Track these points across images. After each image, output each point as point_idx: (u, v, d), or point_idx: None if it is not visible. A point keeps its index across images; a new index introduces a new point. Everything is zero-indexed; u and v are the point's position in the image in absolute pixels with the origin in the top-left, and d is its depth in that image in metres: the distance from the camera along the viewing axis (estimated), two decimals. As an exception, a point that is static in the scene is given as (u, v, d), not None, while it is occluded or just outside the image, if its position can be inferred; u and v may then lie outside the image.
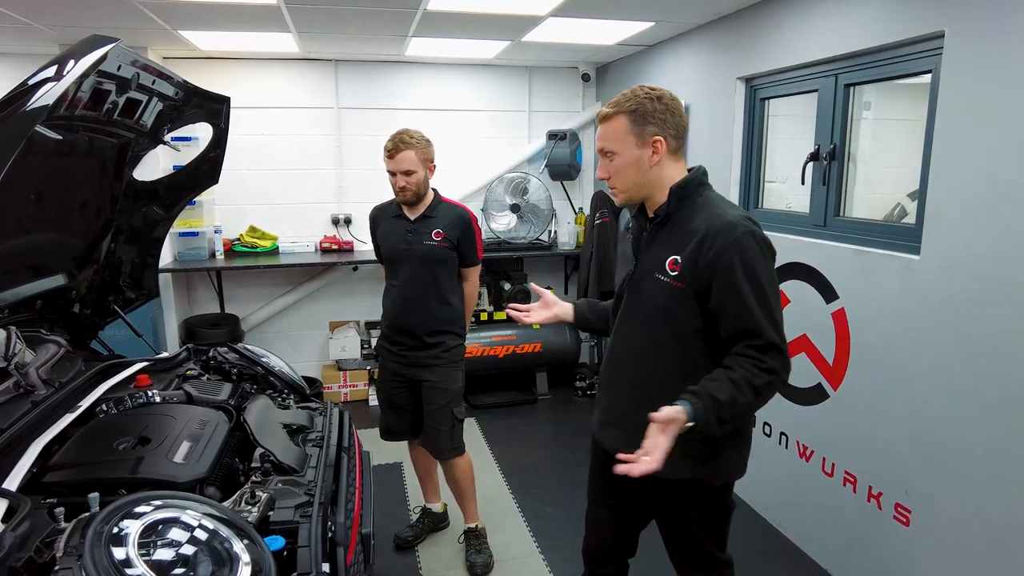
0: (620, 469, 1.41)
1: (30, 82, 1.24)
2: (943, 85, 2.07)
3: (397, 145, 2.44)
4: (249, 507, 1.52)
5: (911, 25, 2.19)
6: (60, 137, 1.54)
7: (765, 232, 1.55)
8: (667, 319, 1.56)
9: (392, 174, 2.49)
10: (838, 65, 2.57)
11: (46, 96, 1.20)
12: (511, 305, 2.00)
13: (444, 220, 2.57)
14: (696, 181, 1.59)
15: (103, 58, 1.35)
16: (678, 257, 1.53)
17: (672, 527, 1.74)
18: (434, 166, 2.56)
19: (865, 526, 2.46)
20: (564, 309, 1.94)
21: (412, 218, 2.57)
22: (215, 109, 2.25)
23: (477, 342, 4.43)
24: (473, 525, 2.78)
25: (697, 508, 1.67)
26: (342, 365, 4.68)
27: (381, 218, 2.68)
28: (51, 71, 1.27)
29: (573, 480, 3.41)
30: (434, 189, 2.62)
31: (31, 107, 1.18)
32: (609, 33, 3.67)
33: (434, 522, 2.97)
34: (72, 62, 1.29)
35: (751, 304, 1.45)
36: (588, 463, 1.91)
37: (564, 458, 3.71)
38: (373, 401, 4.57)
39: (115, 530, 1.21)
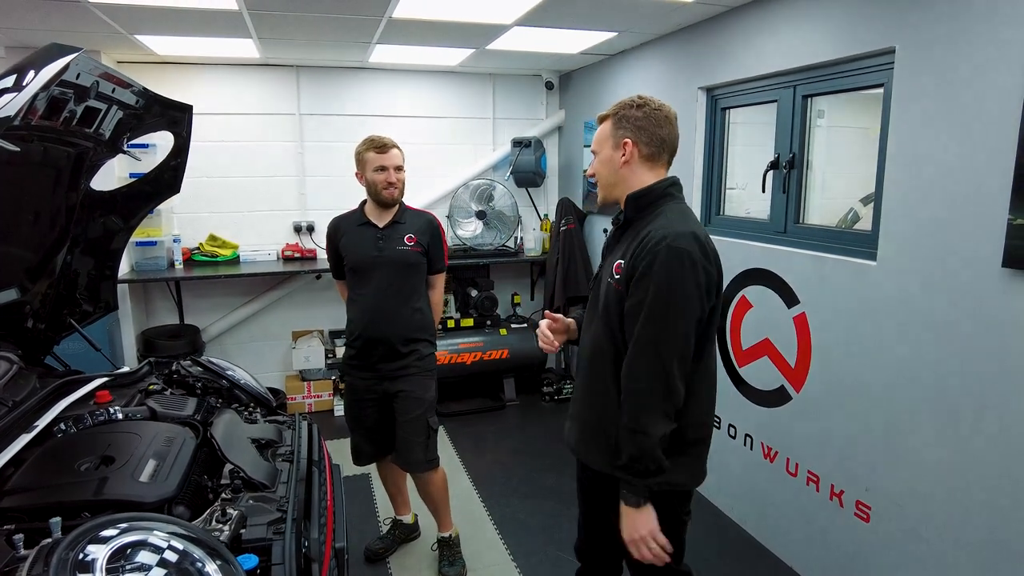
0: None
1: (-12, 92, 1.19)
2: (895, 98, 2.16)
3: (386, 143, 2.47)
4: (220, 525, 1.49)
5: (864, 41, 2.28)
6: (17, 149, 1.48)
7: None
8: (607, 320, 1.62)
9: (382, 169, 2.46)
10: (796, 77, 2.66)
11: (7, 107, 1.15)
12: (543, 339, 1.84)
13: (414, 226, 2.56)
14: (658, 192, 1.61)
15: (65, 68, 1.30)
16: (622, 261, 1.58)
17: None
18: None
19: (827, 523, 2.53)
20: (571, 325, 1.89)
21: (381, 225, 2.54)
22: (176, 117, 2.19)
23: (445, 349, 4.41)
24: (447, 534, 2.75)
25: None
26: (306, 375, 4.60)
27: (344, 227, 2.60)
28: (9, 81, 1.22)
29: (543, 486, 3.43)
30: None
31: (-9, 120, 1.14)
32: (573, 42, 3.72)
33: (405, 533, 2.94)
34: (32, 72, 1.24)
35: (646, 316, 1.49)
36: (556, 468, 1.95)
37: (533, 464, 3.71)
38: (339, 411, 4.51)
39: (81, 556, 1.17)
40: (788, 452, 2.74)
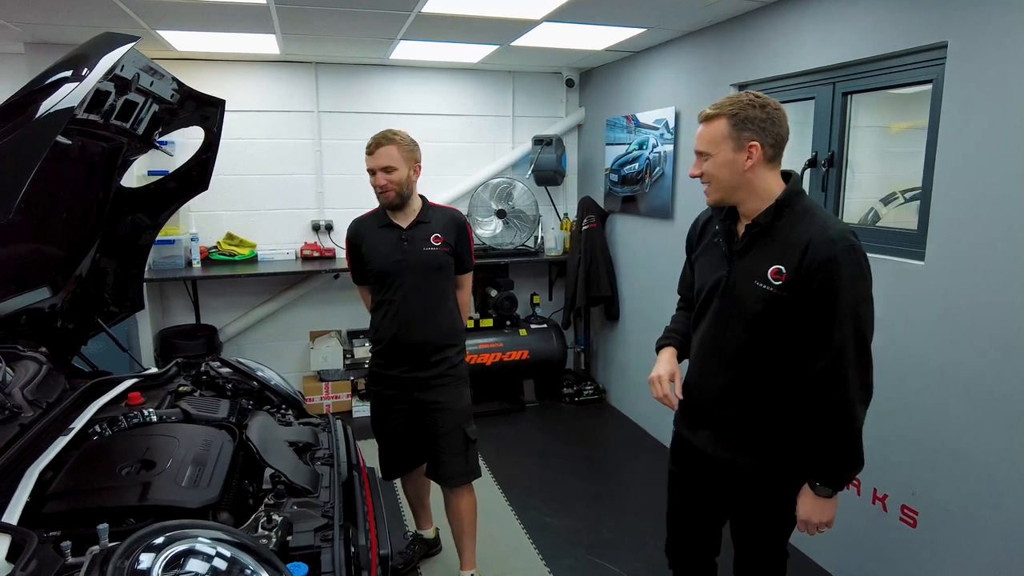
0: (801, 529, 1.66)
1: (44, 83, 1.14)
2: (946, 94, 2.10)
3: (379, 140, 2.29)
4: (266, 532, 1.44)
5: (913, 36, 2.22)
6: (70, 142, 1.43)
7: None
8: (766, 327, 1.60)
9: (372, 172, 2.31)
10: (836, 73, 2.60)
11: (69, 97, 1.10)
12: (667, 401, 1.75)
13: (440, 224, 2.41)
14: (796, 191, 1.60)
15: (122, 57, 1.25)
16: (782, 267, 1.55)
17: (753, 522, 1.77)
18: (419, 166, 2.38)
19: (871, 528, 2.48)
20: (674, 362, 1.84)
21: (404, 225, 2.38)
22: (209, 112, 2.16)
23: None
24: (469, 574, 2.56)
25: (783, 502, 1.69)
26: (324, 376, 4.55)
27: (364, 231, 2.44)
28: (67, 71, 1.17)
29: (567, 489, 3.38)
30: (422, 196, 2.45)
31: (55, 109, 1.08)
32: (599, 38, 3.66)
33: (425, 548, 2.84)
34: (89, 62, 1.19)
35: (839, 320, 1.50)
36: (579, 472, 1.95)
37: (556, 467, 3.66)
38: (356, 413, 4.47)
39: (136, 565, 1.12)
40: (826, 456, 2.67)
